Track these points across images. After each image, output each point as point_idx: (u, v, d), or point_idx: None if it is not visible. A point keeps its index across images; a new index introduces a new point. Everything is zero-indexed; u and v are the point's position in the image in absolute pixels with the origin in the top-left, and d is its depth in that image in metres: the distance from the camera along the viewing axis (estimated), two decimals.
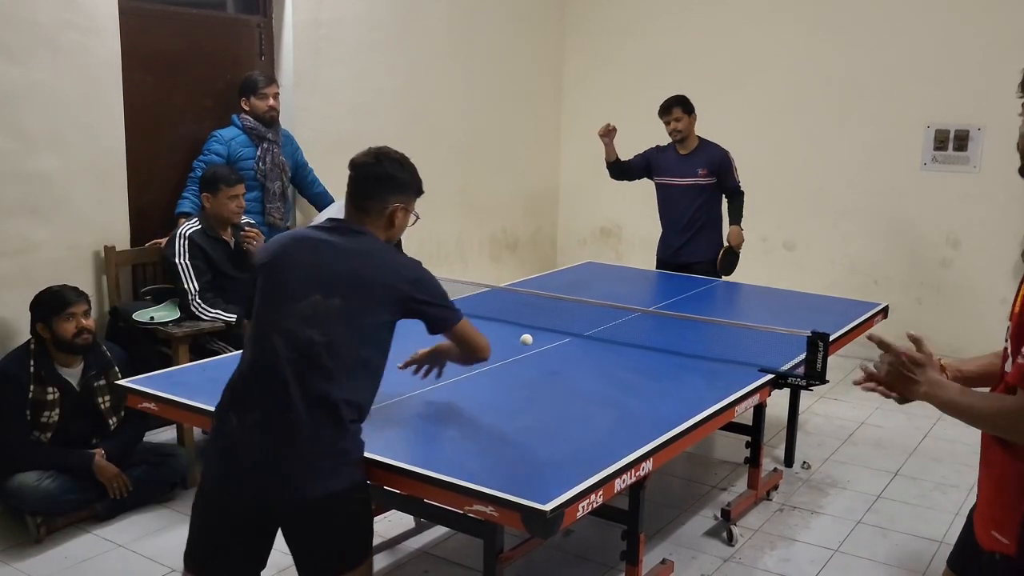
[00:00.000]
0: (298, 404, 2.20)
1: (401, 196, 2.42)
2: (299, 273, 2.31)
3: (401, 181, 2.42)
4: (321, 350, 2.23)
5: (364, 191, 2.40)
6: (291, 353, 2.23)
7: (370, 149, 2.45)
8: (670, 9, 6.67)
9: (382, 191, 2.39)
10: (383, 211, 2.40)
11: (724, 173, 5.20)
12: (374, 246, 2.38)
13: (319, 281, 2.28)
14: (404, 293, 2.34)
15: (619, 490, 2.43)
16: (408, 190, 2.45)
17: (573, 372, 3.36)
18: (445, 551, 3.50)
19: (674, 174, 5.26)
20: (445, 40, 6.04)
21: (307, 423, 2.20)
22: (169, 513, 3.73)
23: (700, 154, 5.21)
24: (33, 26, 3.88)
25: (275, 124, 4.70)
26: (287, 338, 2.24)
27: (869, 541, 3.64)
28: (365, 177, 2.40)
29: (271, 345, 2.24)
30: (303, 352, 2.23)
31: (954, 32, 5.69)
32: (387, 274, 2.34)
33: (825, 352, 3.24)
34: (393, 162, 2.44)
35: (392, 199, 2.40)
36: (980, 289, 5.79)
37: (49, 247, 4.03)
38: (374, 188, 2.39)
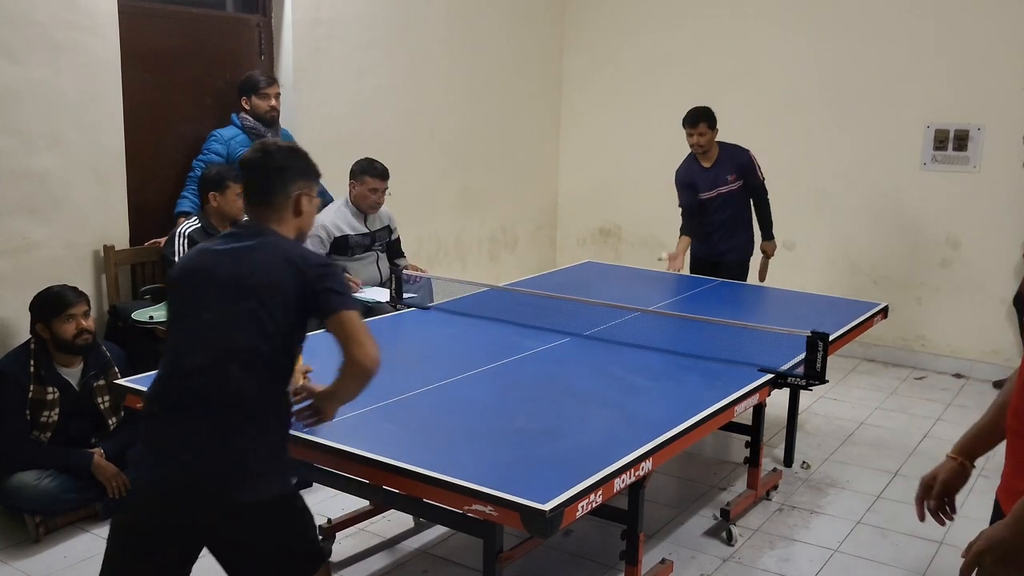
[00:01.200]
0: (221, 411, 2.16)
1: (301, 182, 2.40)
2: (207, 284, 2.28)
3: (297, 168, 2.41)
4: (235, 356, 2.19)
5: (263, 187, 2.37)
6: (207, 361, 2.19)
7: (254, 145, 2.47)
8: (670, 9, 6.67)
9: (281, 183, 2.36)
10: (287, 202, 2.38)
11: (750, 173, 5.18)
12: (279, 243, 2.33)
13: (226, 288, 2.25)
14: (306, 283, 2.27)
15: (618, 490, 2.43)
16: (307, 175, 2.44)
17: (572, 372, 3.36)
18: (444, 551, 3.49)
19: (705, 188, 5.18)
20: (445, 39, 6.04)
21: (232, 428, 2.16)
22: None
23: (725, 161, 5.16)
24: (33, 25, 3.87)
25: (275, 124, 4.69)
26: (202, 347, 2.21)
27: (869, 541, 3.64)
28: (261, 173, 2.38)
29: (188, 355, 2.22)
30: (219, 359, 2.19)
31: (954, 32, 5.68)
32: (291, 269, 2.27)
33: (825, 352, 3.24)
34: (283, 151, 2.43)
35: (292, 188, 2.38)
36: (980, 289, 5.79)
37: (48, 246, 4.02)
38: (272, 182, 2.36)
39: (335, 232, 4.78)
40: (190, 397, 2.19)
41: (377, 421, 2.75)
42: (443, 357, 3.51)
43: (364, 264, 4.88)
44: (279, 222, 2.37)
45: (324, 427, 2.62)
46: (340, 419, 2.70)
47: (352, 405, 2.83)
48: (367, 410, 2.82)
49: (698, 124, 5.07)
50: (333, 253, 4.81)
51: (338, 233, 4.78)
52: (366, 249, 4.87)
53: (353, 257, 4.84)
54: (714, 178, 5.17)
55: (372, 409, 2.83)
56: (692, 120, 5.09)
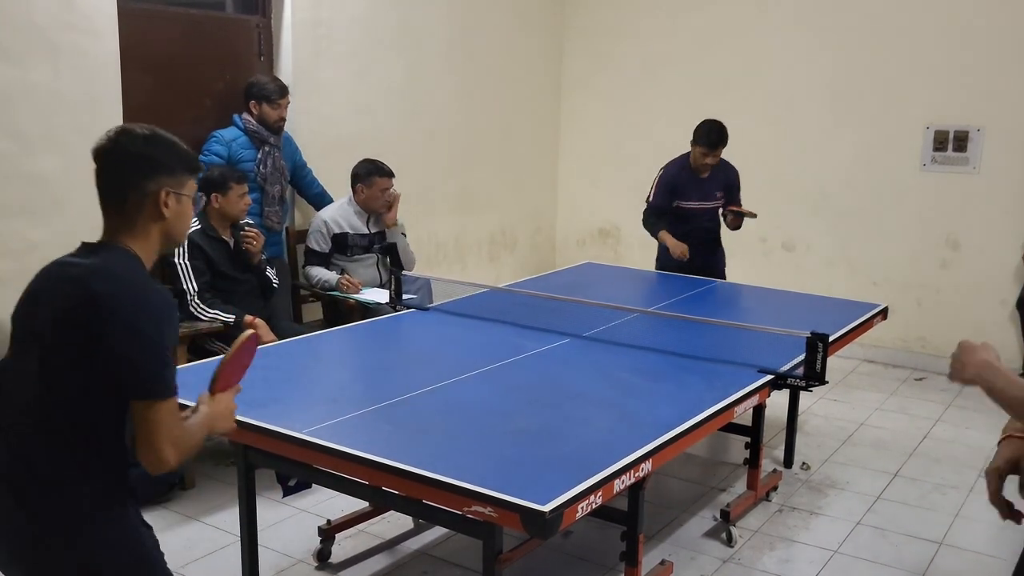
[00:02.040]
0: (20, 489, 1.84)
1: (164, 178, 1.89)
2: (22, 319, 1.91)
3: (157, 159, 1.89)
4: (28, 413, 1.84)
5: (114, 183, 1.88)
6: (9, 410, 1.88)
7: (110, 130, 1.91)
8: (670, 9, 6.66)
9: (136, 178, 1.87)
10: (143, 202, 1.87)
11: (734, 191, 5.13)
12: (97, 267, 1.82)
13: (29, 327, 1.87)
14: (101, 337, 1.75)
15: (618, 491, 2.42)
16: (172, 169, 1.91)
17: (572, 373, 3.35)
18: (444, 552, 3.49)
19: (695, 198, 5.07)
20: (444, 40, 6.04)
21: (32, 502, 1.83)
22: (167, 514, 3.73)
23: (719, 176, 5.07)
24: (32, 27, 3.87)
25: (281, 132, 4.71)
26: (6, 398, 1.89)
27: (868, 542, 3.64)
28: (110, 165, 1.88)
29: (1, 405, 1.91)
30: (17, 413, 1.86)
31: (954, 33, 5.68)
32: (92, 308, 1.76)
33: (824, 353, 3.24)
34: (138, 139, 1.90)
35: (151, 184, 1.87)
36: (980, 290, 5.79)
37: (48, 247, 3.96)
38: (125, 177, 1.87)
39: (335, 228, 4.79)
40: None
41: (376, 422, 2.75)
42: (442, 358, 3.51)
43: (364, 265, 4.88)
44: (132, 232, 1.88)
45: (324, 428, 2.62)
46: (339, 420, 2.71)
47: (351, 406, 2.85)
48: (367, 411, 2.81)
49: (717, 147, 4.88)
50: (333, 251, 4.82)
51: (337, 230, 4.79)
52: (365, 250, 4.88)
53: (352, 257, 4.84)
54: (705, 191, 5.07)
55: (371, 410, 2.83)
56: (713, 143, 4.85)
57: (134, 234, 1.89)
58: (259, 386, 3.05)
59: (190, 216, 1.99)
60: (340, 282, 4.71)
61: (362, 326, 4.04)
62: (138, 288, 1.82)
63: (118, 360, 1.76)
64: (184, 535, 3.56)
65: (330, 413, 2.75)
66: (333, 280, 4.73)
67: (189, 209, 1.96)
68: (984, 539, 3.67)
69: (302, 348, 3.68)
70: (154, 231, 1.91)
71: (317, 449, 2.52)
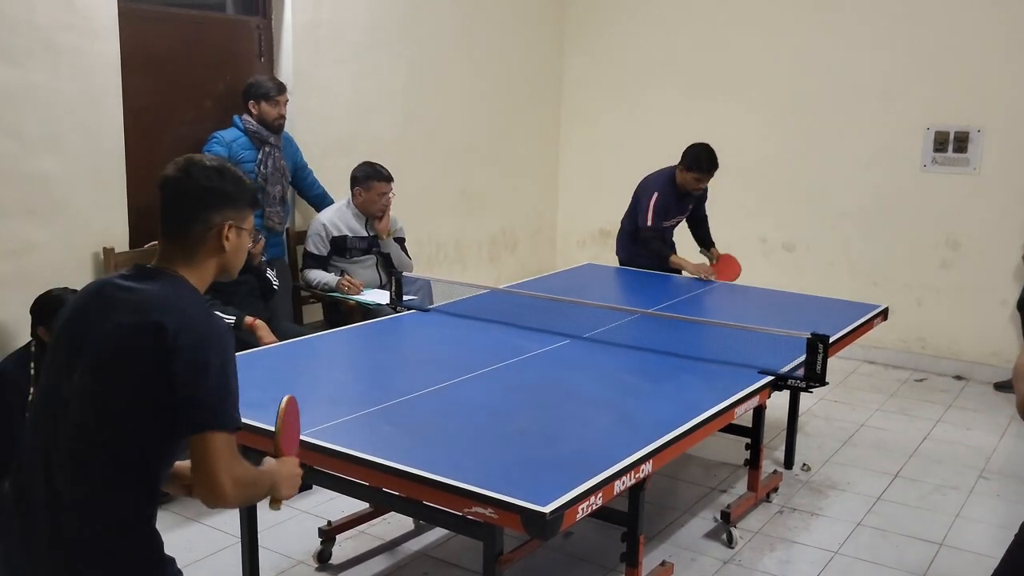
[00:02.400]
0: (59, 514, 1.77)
1: (229, 212, 1.90)
2: (70, 336, 1.84)
3: (225, 193, 1.90)
4: (75, 443, 1.77)
5: (179, 213, 1.89)
6: (51, 444, 1.79)
7: (177, 161, 1.92)
8: (670, 10, 6.67)
9: (203, 210, 1.88)
10: (206, 234, 1.88)
11: (702, 203, 5.27)
12: (158, 297, 1.80)
13: (78, 345, 1.80)
14: (163, 367, 1.72)
15: (619, 492, 2.42)
16: (237, 203, 1.92)
17: (572, 374, 3.36)
18: (445, 553, 3.49)
19: (675, 215, 5.23)
20: (445, 41, 6.04)
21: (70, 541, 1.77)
22: (167, 515, 3.72)
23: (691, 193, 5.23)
24: (32, 28, 3.87)
25: (281, 131, 4.70)
26: (50, 426, 1.80)
27: (869, 543, 3.64)
28: (178, 196, 1.89)
29: (38, 435, 1.83)
30: (61, 445, 1.78)
31: (954, 34, 5.69)
32: (156, 339, 1.73)
33: (825, 354, 3.24)
34: (209, 171, 1.90)
35: (217, 217, 1.88)
36: (980, 291, 5.79)
37: (48, 248, 4.02)
38: (192, 207, 1.88)
39: (333, 231, 4.79)
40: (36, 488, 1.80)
41: (377, 423, 2.75)
42: (443, 359, 3.51)
43: (364, 267, 4.88)
44: (190, 262, 1.88)
45: (324, 429, 2.62)
46: (340, 421, 2.71)
47: (352, 407, 2.85)
48: (367, 412, 2.82)
49: (711, 172, 5.01)
50: (332, 253, 4.82)
51: (336, 232, 4.79)
52: (364, 252, 4.88)
53: (352, 259, 4.84)
54: (682, 206, 5.23)
55: (372, 411, 2.83)
56: (709, 168, 4.98)
57: (192, 264, 1.89)
58: (259, 387, 3.05)
59: (246, 250, 2.00)
60: (341, 283, 4.71)
61: (363, 327, 4.04)
62: (202, 320, 1.81)
63: (181, 394, 1.73)
64: (185, 536, 3.56)
65: (331, 414, 2.75)
66: (333, 282, 4.73)
67: (247, 242, 1.99)
68: (984, 540, 3.67)
69: (303, 349, 3.68)
70: (212, 263, 1.92)
71: (318, 450, 2.52)
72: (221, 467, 1.72)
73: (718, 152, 5.10)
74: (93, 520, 1.77)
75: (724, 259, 5.32)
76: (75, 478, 1.77)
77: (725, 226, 6.25)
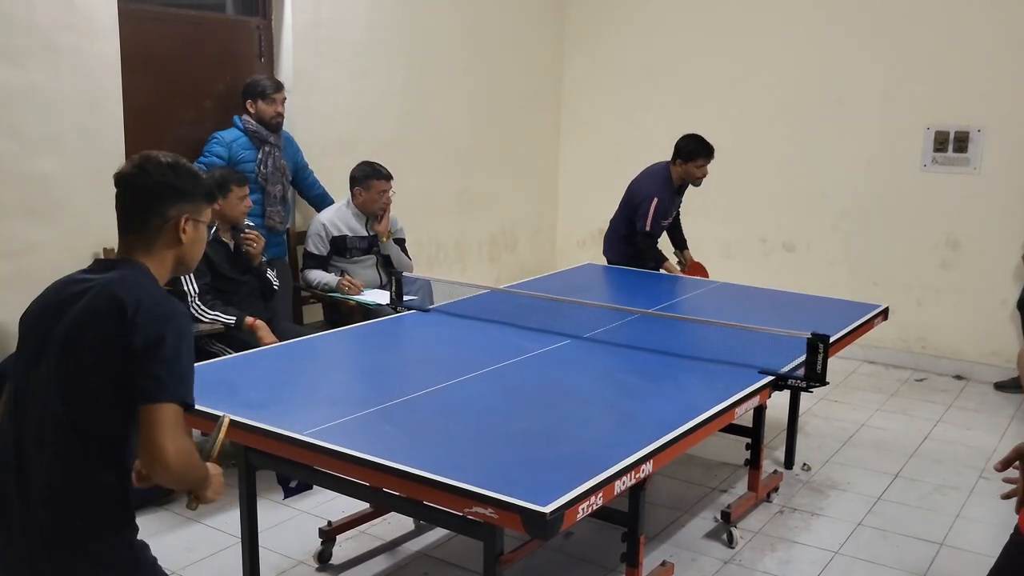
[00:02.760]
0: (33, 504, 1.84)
1: (185, 205, 1.97)
2: (37, 330, 1.91)
3: (180, 188, 1.97)
4: (44, 430, 1.84)
5: (136, 207, 1.95)
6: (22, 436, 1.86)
7: (133, 158, 2.00)
8: (670, 10, 6.67)
9: (159, 204, 1.95)
10: (163, 228, 1.95)
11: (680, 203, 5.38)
12: (117, 279, 1.88)
13: (45, 338, 1.88)
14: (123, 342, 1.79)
15: (619, 492, 2.42)
16: (192, 197, 1.99)
17: (572, 374, 3.36)
18: (445, 553, 3.49)
19: (670, 216, 5.35)
20: (444, 42, 6.04)
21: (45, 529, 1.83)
22: (168, 515, 3.73)
23: (682, 188, 5.32)
24: (32, 28, 3.87)
25: (279, 129, 4.70)
26: (20, 419, 1.88)
27: (869, 543, 3.64)
28: (134, 191, 1.95)
29: (10, 429, 1.89)
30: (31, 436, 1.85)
31: (954, 33, 5.69)
32: (117, 314, 1.80)
33: (825, 354, 3.24)
34: (164, 167, 1.97)
35: (173, 211, 1.95)
36: (980, 290, 5.79)
37: (48, 249, 4.02)
38: (148, 202, 1.95)
39: (333, 231, 4.79)
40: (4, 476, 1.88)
41: (377, 423, 2.75)
42: (443, 359, 3.51)
43: (364, 267, 4.88)
44: (148, 253, 1.95)
45: (325, 429, 2.62)
46: (340, 421, 2.71)
47: (352, 407, 2.85)
48: (367, 412, 2.81)
49: (712, 155, 5.11)
50: (332, 253, 4.82)
51: (336, 232, 4.79)
52: (365, 252, 4.88)
53: (352, 259, 4.84)
54: (675, 205, 5.34)
55: (372, 411, 2.83)
56: (711, 151, 5.10)
57: (151, 255, 1.96)
58: (260, 387, 3.06)
59: (204, 242, 2.06)
60: (341, 283, 4.71)
61: (363, 327, 4.04)
62: (162, 300, 1.87)
63: (135, 366, 1.79)
64: (185, 536, 3.56)
65: (331, 414, 2.75)
66: (333, 282, 4.73)
67: (204, 235, 2.05)
68: (985, 540, 3.67)
69: (303, 349, 3.68)
70: (170, 255, 1.99)
71: (318, 450, 2.52)
72: (167, 436, 1.77)
73: (718, 152, 5.15)
74: (67, 507, 1.82)
75: (694, 266, 5.47)
76: (45, 464, 1.83)
77: (725, 226, 6.26)
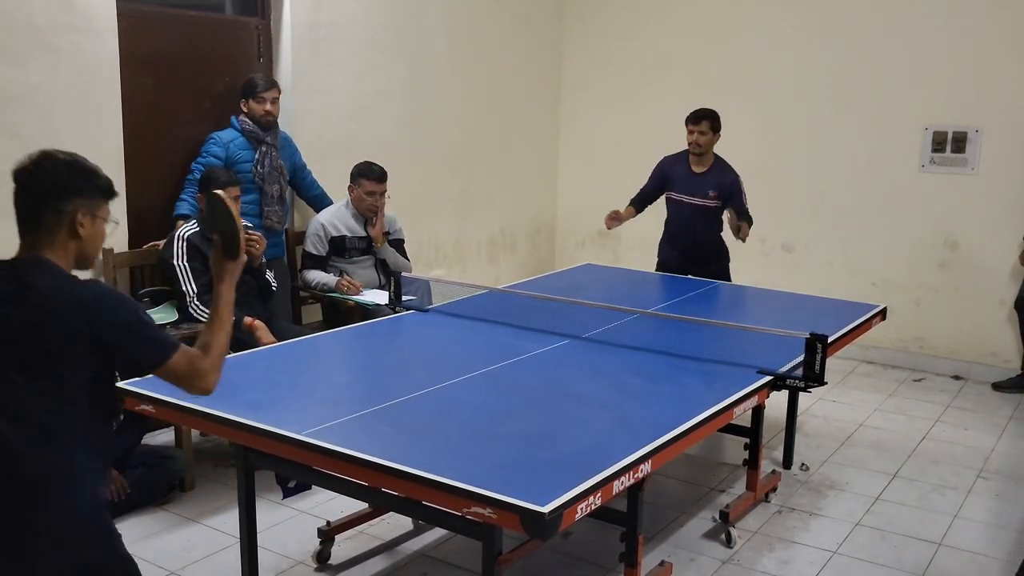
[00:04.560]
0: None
1: (81, 201, 2.01)
2: None
3: (75, 184, 2.02)
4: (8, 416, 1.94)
5: (33, 203, 2.01)
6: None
7: (31, 154, 2.04)
8: (669, 11, 6.67)
9: (55, 200, 2.00)
10: (60, 222, 2.00)
11: (732, 198, 5.09)
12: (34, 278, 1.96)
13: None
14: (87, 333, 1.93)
15: (618, 492, 2.43)
16: (87, 193, 2.04)
17: (571, 374, 3.36)
18: (444, 553, 3.49)
19: (685, 191, 5.15)
20: (444, 42, 6.04)
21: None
22: (167, 516, 3.73)
23: (713, 175, 5.10)
24: (31, 29, 3.87)
25: (273, 128, 4.69)
26: None
27: (868, 543, 3.64)
28: (31, 187, 2.01)
29: None
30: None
31: (952, 34, 5.69)
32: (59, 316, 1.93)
33: (824, 354, 3.24)
34: (59, 164, 2.03)
35: (68, 206, 2.00)
36: (978, 291, 5.79)
37: None
38: (43, 197, 2.00)
39: (332, 232, 4.79)
40: None
41: (376, 423, 2.75)
42: (442, 360, 3.51)
43: (363, 267, 4.89)
44: (51, 246, 2.01)
45: (324, 429, 2.62)
46: (339, 421, 2.71)
47: (351, 407, 2.85)
48: (366, 412, 2.82)
49: (700, 122, 5.03)
50: (331, 253, 4.83)
51: (335, 233, 4.79)
52: (363, 252, 4.88)
53: (351, 259, 4.84)
54: (696, 186, 5.12)
55: (371, 412, 2.83)
56: (695, 117, 5.05)
57: (53, 248, 2.02)
58: (259, 388, 3.06)
59: (102, 239, 2.11)
60: (340, 283, 4.71)
61: (361, 328, 4.04)
62: (89, 285, 2.01)
63: (119, 352, 2.00)
64: (184, 537, 3.56)
65: (330, 415, 2.75)
66: (332, 282, 4.73)
67: (103, 231, 2.10)
68: (983, 540, 3.68)
69: (302, 350, 3.68)
70: (70, 249, 2.04)
71: (317, 451, 2.52)
72: (194, 375, 2.05)
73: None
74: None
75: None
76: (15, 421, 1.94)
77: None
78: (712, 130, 5.04)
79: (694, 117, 5.06)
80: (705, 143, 5.05)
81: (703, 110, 5.07)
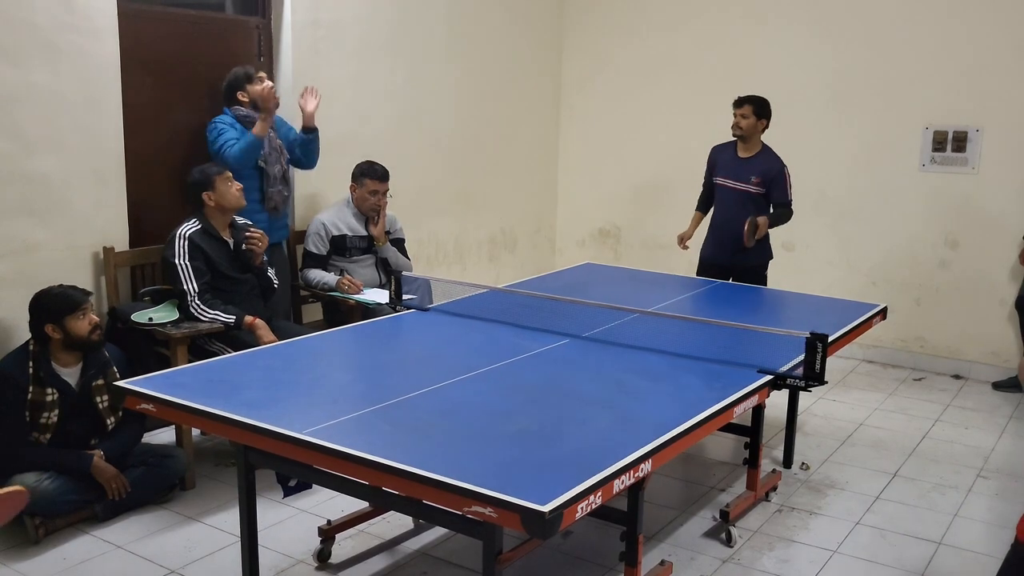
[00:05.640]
0: None
1: None
2: None
3: None
4: None
5: None
6: None
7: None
8: (668, 11, 6.67)
9: None
10: None
11: (775, 186, 5.06)
12: None
13: None
14: None
15: (618, 491, 2.43)
16: None
17: (571, 373, 3.36)
18: (444, 552, 3.50)
19: (729, 176, 5.16)
20: (444, 41, 6.04)
21: None
22: (167, 514, 3.73)
23: (757, 162, 5.10)
24: (32, 28, 3.88)
25: None
26: None
27: (868, 542, 3.65)
28: None
29: None
30: None
31: (952, 33, 5.69)
32: None
33: (824, 353, 3.24)
34: None
35: None
36: (979, 290, 5.80)
37: (48, 248, 4.03)
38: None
39: (333, 231, 4.79)
40: None
41: (376, 422, 2.75)
42: (442, 359, 3.51)
43: (363, 266, 4.89)
44: None
45: (324, 428, 2.62)
46: (339, 420, 2.71)
47: (351, 406, 2.86)
48: (367, 411, 2.82)
49: (743, 105, 5.06)
50: (332, 252, 4.83)
51: (336, 232, 4.80)
52: (364, 251, 4.88)
53: (351, 258, 4.85)
54: (739, 171, 5.12)
55: (371, 410, 2.83)
56: (739, 101, 5.09)
57: None
58: (259, 387, 3.06)
59: None
60: (340, 282, 4.71)
61: (362, 326, 4.05)
62: None
63: None
64: (184, 536, 3.57)
65: (330, 413, 2.76)
66: (332, 281, 4.73)
67: None
68: (983, 539, 3.68)
69: (302, 348, 3.68)
70: None
71: (317, 449, 2.52)
72: None
73: None
74: None
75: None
76: None
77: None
78: (755, 115, 5.05)
79: (738, 100, 5.10)
80: (746, 127, 5.06)
81: (749, 95, 5.10)
